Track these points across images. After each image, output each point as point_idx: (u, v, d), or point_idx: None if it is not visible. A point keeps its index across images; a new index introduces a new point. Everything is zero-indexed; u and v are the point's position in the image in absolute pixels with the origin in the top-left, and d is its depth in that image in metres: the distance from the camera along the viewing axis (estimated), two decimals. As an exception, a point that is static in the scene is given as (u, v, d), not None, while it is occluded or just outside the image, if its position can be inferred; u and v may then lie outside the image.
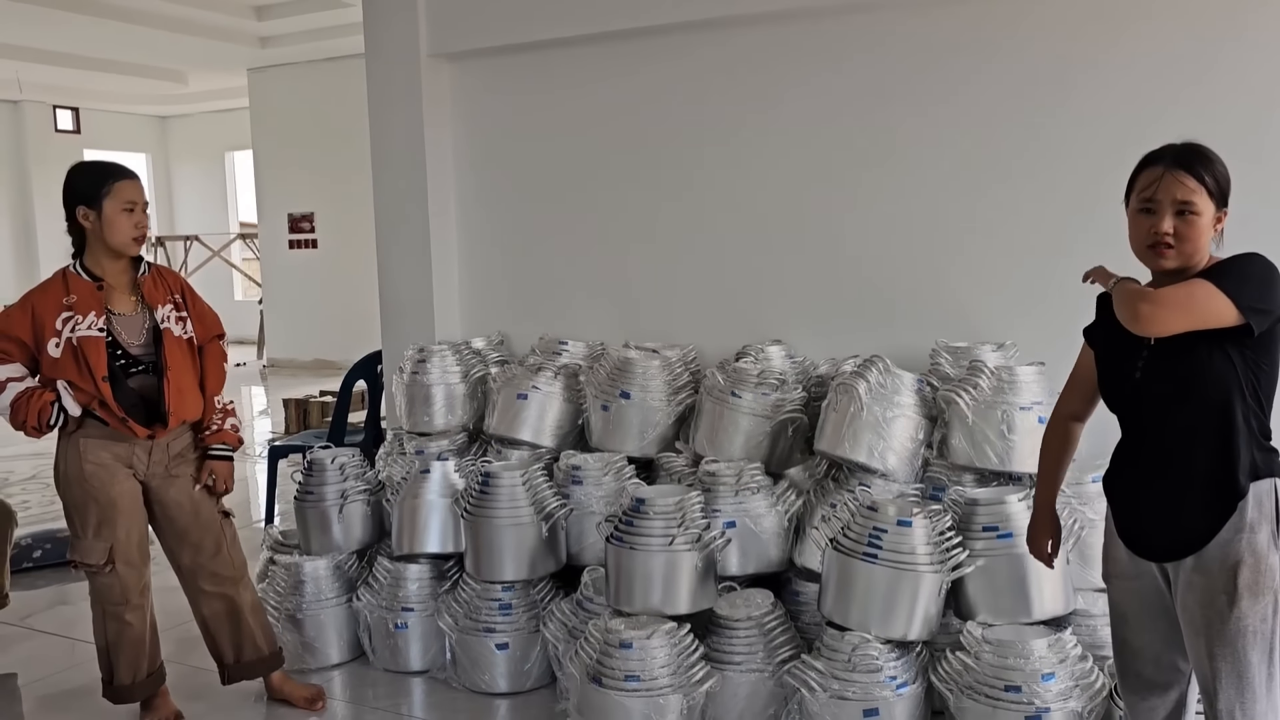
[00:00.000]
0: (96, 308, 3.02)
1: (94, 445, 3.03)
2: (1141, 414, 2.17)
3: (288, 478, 5.10)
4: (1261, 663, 2.04)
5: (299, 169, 11.55)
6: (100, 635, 3.16)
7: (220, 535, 3.24)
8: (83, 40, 10.05)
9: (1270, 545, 2.03)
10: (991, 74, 3.54)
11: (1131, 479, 2.20)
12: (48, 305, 3.01)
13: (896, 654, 2.83)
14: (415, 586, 3.59)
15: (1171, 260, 2.08)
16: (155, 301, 3.13)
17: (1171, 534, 2.12)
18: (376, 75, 4.50)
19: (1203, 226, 2.06)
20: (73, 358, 2.98)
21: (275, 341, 12.17)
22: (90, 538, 3.05)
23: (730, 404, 3.42)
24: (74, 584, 4.69)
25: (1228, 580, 2.03)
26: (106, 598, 3.11)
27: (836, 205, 3.83)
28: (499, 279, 4.52)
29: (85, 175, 3.10)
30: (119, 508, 3.06)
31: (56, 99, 13.41)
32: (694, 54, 4.00)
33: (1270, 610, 2.03)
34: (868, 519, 2.89)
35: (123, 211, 3.03)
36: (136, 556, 3.12)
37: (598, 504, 3.48)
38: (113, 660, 3.16)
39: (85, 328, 2.99)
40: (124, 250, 3.07)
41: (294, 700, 3.38)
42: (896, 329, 3.69)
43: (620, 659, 2.91)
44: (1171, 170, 2.07)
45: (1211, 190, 2.06)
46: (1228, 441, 2.05)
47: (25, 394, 2.98)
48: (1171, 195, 2.06)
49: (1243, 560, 2.02)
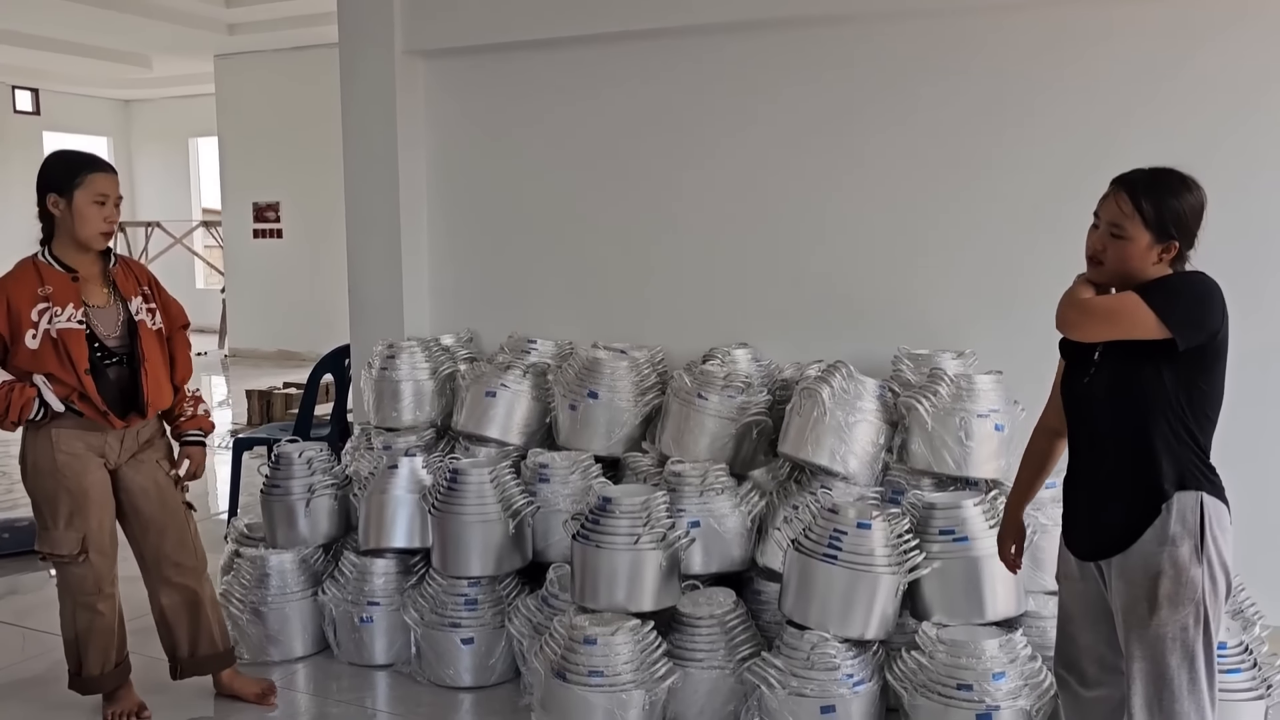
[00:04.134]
0: (74, 299, 2.99)
1: (66, 436, 3.01)
2: (1081, 419, 2.28)
3: (252, 470, 5.09)
4: (1181, 666, 2.13)
5: (265, 158, 11.45)
6: (70, 626, 3.14)
7: (185, 524, 3.25)
8: (43, 21, 9.87)
9: (1193, 559, 2.11)
10: (957, 89, 3.63)
11: (1070, 481, 2.32)
12: (22, 296, 2.95)
13: (854, 653, 2.90)
14: (381, 581, 3.61)
15: (1100, 275, 2.20)
16: (128, 293, 3.12)
17: (1095, 534, 2.24)
18: (350, 70, 4.50)
19: (1130, 251, 2.14)
20: (53, 350, 2.94)
21: (237, 331, 12.06)
22: (62, 528, 3.03)
23: (696, 405, 3.48)
24: (29, 574, 4.65)
25: (1149, 589, 2.13)
26: (79, 588, 3.09)
27: (804, 212, 3.91)
28: (469, 276, 4.54)
29: (60, 163, 3.04)
30: (91, 498, 3.05)
31: (15, 79, 13.17)
32: (667, 61, 4.06)
33: (1191, 620, 2.11)
34: (828, 521, 2.96)
35: (93, 204, 2.98)
36: (108, 545, 3.11)
37: (564, 502, 3.52)
38: (82, 651, 3.14)
39: (64, 320, 2.96)
40: (90, 244, 3.03)
41: (244, 696, 3.36)
42: (860, 335, 3.77)
43: (584, 655, 2.96)
44: (1115, 191, 2.18)
45: (1147, 218, 2.12)
46: (1149, 450, 2.13)
47: (3, 389, 2.94)
48: (1108, 215, 2.17)
49: (1163, 572, 2.11)
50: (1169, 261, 2.15)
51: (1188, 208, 2.13)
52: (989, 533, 2.96)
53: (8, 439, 7.59)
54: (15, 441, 6.63)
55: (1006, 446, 3.25)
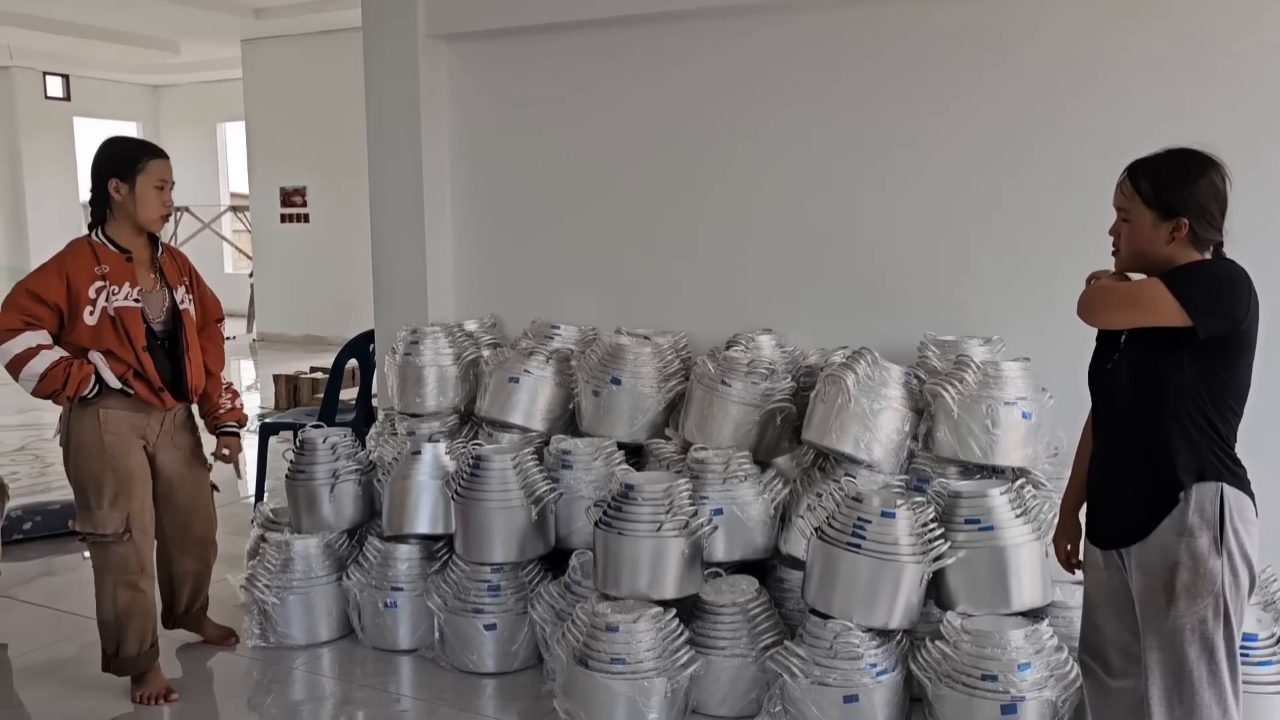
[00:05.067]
0: (130, 279, 3.13)
1: (113, 417, 3.10)
2: (1104, 406, 2.27)
3: (278, 455, 5.13)
4: (1200, 659, 2.10)
5: (292, 142, 11.50)
6: (109, 606, 3.20)
7: (210, 505, 3.49)
8: (74, 6, 9.96)
9: (1212, 550, 2.08)
10: (985, 74, 3.57)
11: (1093, 469, 2.31)
12: (80, 273, 3.06)
13: (877, 642, 2.88)
14: (405, 566, 3.63)
15: (1119, 264, 2.22)
16: (173, 281, 3.26)
17: (1114, 523, 2.22)
18: (374, 55, 4.49)
19: (1136, 233, 2.14)
20: (111, 327, 3.06)
21: (265, 315, 12.16)
22: (106, 508, 3.12)
23: (720, 392, 3.46)
24: (62, 557, 4.72)
25: (1167, 580, 2.11)
26: (122, 567, 3.17)
27: (829, 197, 3.86)
28: (493, 262, 4.53)
29: (121, 149, 3.17)
30: (135, 478, 3.16)
31: (46, 65, 13.30)
32: (691, 44, 4.02)
33: (1210, 612, 2.09)
34: (852, 509, 2.94)
35: (154, 188, 3.13)
36: (149, 525, 3.23)
37: (587, 489, 3.51)
38: (121, 630, 3.21)
39: (122, 299, 3.09)
40: (150, 226, 3.18)
41: (210, 638, 3.64)
42: (886, 321, 3.73)
43: (606, 642, 2.96)
44: (1121, 177, 2.18)
45: (1146, 197, 2.11)
46: (1167, 439, 2.11)
47: (62, 363, 3.02)
48: (1116, 201, 2.19)
49: (1181, 563, 2.09)
50: (1185, 241, 2.11)
51: (1195, 185, 2.09)
52: (1015, 522, 2.93)
53: (40, 424, 7.69)
54: (46, 426, 6.72)
55: (1034, 435, 3.20)
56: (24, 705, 3.34)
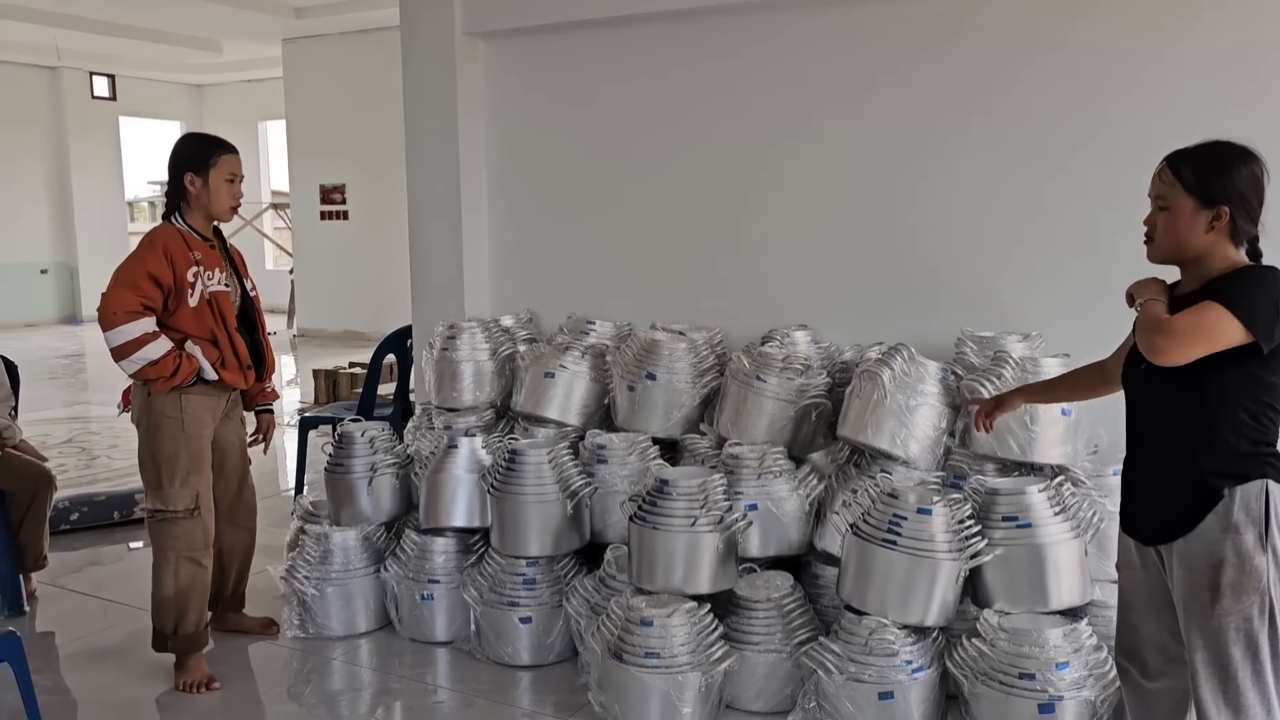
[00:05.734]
0: (218, 265, 3.31)
1: (193, 401, 3.25)
2: (1141, 403, 2.24)
3: (318, 448, 5.20)
4: (1245, 658, 2.07)
5: (331, 140, 11.63)
6: (170, 584, 3.29)
7: (249, 476, 3.65)
8: (119, 8, 10.14)
9: (1257, 547, 2.05)
10: (1027, 70, 3.53)
11: (1129, 463, 2.28)
12: (180, 257, 3.21)
13: (913, 639, 2.87)
14: (442, 559, 3.66)
15: (1151, 253, 2.18)
16: (242, 272, 3.46)
17: (1156, 519, 2.19)
18: (411, 53, 4.53)
19: (1174, 221, 2.10)
20: (209, 310, 3.25)
21: (305, 311, 12.30)
22: (178, 486, 3.24)
23: (755, 388, 3.46)
24: (108, 547, 4.81)
25: (1211, 577, 2.07)
26: (187, 544, 3.28)
27: (866, 192, 3.84)
28: (529, 258, 4.56)
29: (195, 144, 3.34)
30: (205, 458, 3.32)
31: (93, 66, 13.56)
32: (727, 40, 4.01)
33: (1255, 610, 2.05)
34: (888, 505, 2.92)
35: (225, 181, 3.29)
36: (212, 504, 3.36)
37: (622, 483, 3.53)
38: (183, 608, 3.31)
39: (215, 284, 3.27)
40: (222, 217, 3.35)
41: (250, 629, 3.72)
42: (922, 317, 3.71)
43: (641, 636, 2.97)
44: (1160, 167, 2.15)
45: (1188, 184, 2.08)
46: (1211, 438, 2.08)
47: (173, 353, 3.17)
48: (1154, 190, 2.15)
49: (1226, 560, 2.06)
50: (1224, 231, 2.08)
51: (1236, 174, 2.07)
52: (1054, 520, 2.90)
53: (85, 416, 7.84)
54: (93, 419, 6.84)
55: (1073, 432, 3.17)
56: (70, 691, 3.41)
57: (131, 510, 5.09)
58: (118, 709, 3.26)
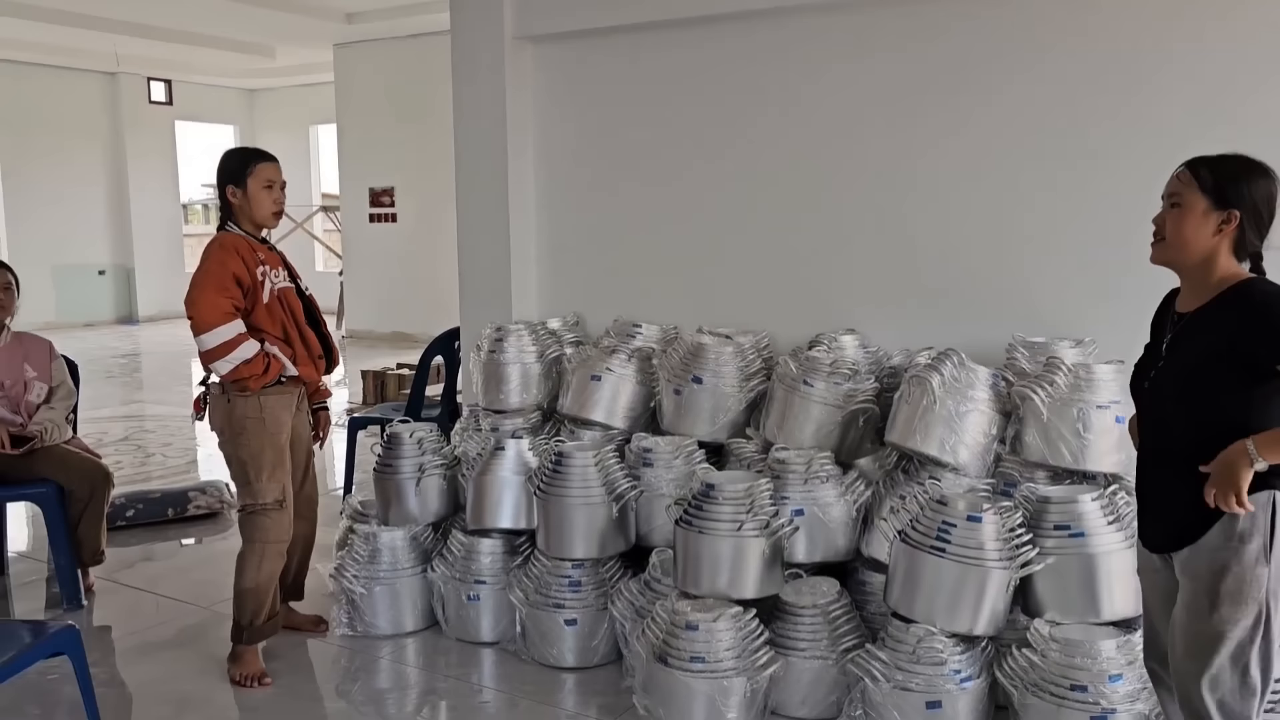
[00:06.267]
0: (280, 264, 3.47)
1: (272, 400, 3.37)
2: (1148, 411, 2.27)
3: (366, 448, 5.26)
4: (1235, 669, 2.08)
5: (381, 144, 11.77)
6: (253, 575, 3.40)
7: (312, 470, 3.75)
8: (177, 14, 10.35)
9: (1260, 558, 2.05)
10: (1084, 71, 3.48)
11: (1140, 472, 2.30)
12: (249, 258, 3.35)
13: (962, 648, 2.83)
14: (488, 560, 3.68)
15: (1155, 254, 2.19)
16: (295, 275, 3.58)
17: (1164, 526, 2.20)
18: (461, 56, 4.57)
19: (1186, 220, 2.11)
20: (279, 307, 3.38)
21: (354, 313, 12.45)
22: (265, 480, 3.38)
23: (802, 392, 3.44)
24: (161, 544, 4.91)
25: (1211, 584, 2.09)
26: (272, 535, 3.41)
27: (914, 195, 3.81)
28: (576, 261, 4.58)
29: (233, 158, 3.46)
30: (286, 453, 3.44)
31: (151, 71, 13.85)
32: (773, 42, 4.00)
33: (1252, 620, 2.06)
34: (937, 512, 2.89)
35: (263, 189, 3.39)
36: (292, 499, 3.49)
37: (668, 487, 3.53)
38: (263, 597, 3.43)
39: (281, 280, 3.42)
40: (264, 223, 3.45)
41: (301, 626, 3.78)
42: (972, 322, 3.66)
43: (686, 640, 2.96)
44: (1179, 169, 2.16)
45: (1204, 184, 2.10)
46: (1215, 451, 2.07)
47: (262, 353, 3.31)
48: (1169, 189, 2.16)
49: (1229, 568, 2.07)
50: (1231, 237, 2.09)
51: (1253, 183, 2.10)
52: (1107, 529, 2.85)
53: (141, 415, 8.00)
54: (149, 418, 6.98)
55: (1127, 439, 3.10)
56: (126, 685, 3.48)
57: (186, 507, 5.19)
58: (172, 701, 3.32)
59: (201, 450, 6.84)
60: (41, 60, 12.69)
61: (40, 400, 4.15)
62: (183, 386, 9.22)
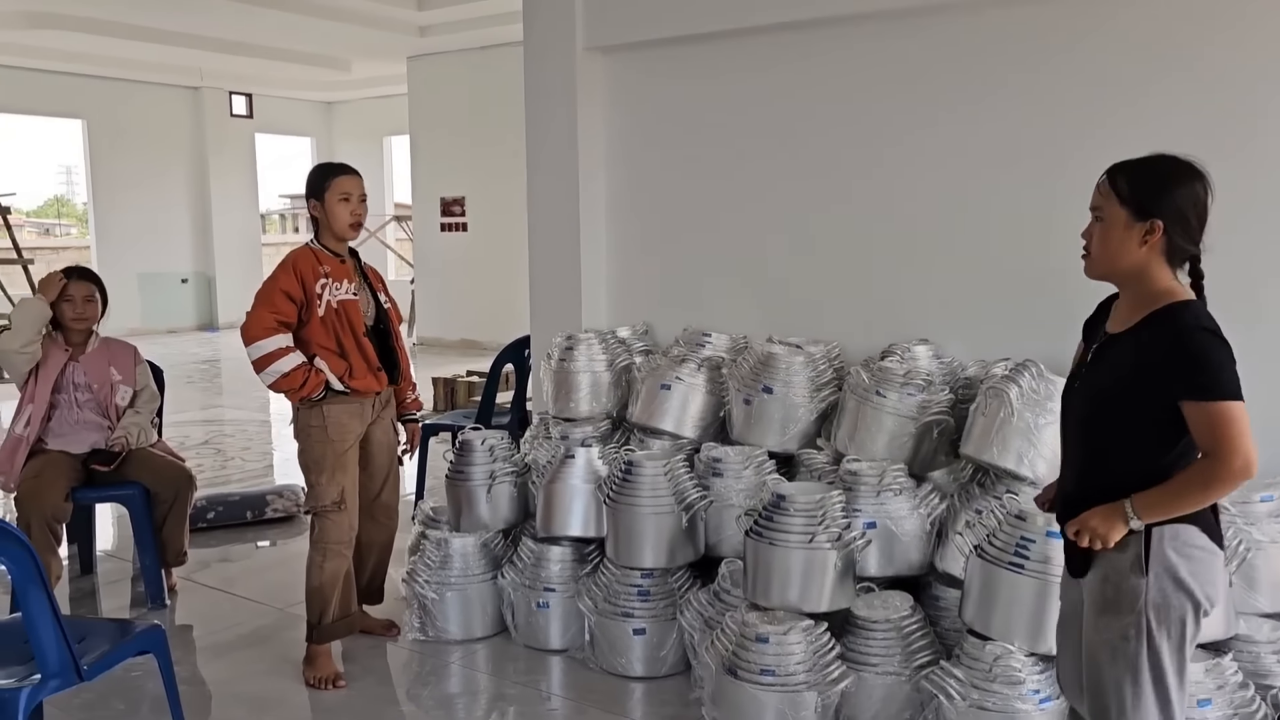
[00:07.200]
0: (348, 276, 3.53)
1: (334, 411, 3.48)
2: (1063, 424, 2.24)
3: (438, 455, 5.32)
4: (1125, 680, 2.01)
5: (452, 154, 11.94)
6: (317, 575, 3.50)
7: (394, 477, 3.83)
8: (257, 30, 10.65)
9: (1136, 567, 1.99)
10: (1164, 76, 3.38)
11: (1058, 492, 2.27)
12: (308, 271, 3.45)
13: (1040, 667, 2.76)
14: (557, 568, 3.70)
15: (1087, 268, 2.14)
16: (376, 287, 3.67)
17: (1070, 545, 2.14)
18: (533, 67, 4.62)
19: (1110, 232, 2.05)
20: (335, 318, 3.46)
21: (425, 320, 12.64)
22: (324, 482, 3.48)
23: (874, 403, 3.39)
24: (238, 545, 5.02)
25: (1092, 591, 2.07)
26: (333, 536, 3.50)
27: (992, 203, 3.73)
28: (645, 270, 4.58)
29: (314, 173, 3.59)
30: (349, 459, 3.54)
31: (232, 85, 14.26)
32: (844, 50, 3.96)
33: (1134, 630, 1.99)
34: (1015, 528, 2.83)
35: (340, 201, 3.49)
36: (356, 503, 3.56)
37: (737, 497, 3.50)
38: (327, 597, 3.51)
39: (343, 292, 3.49)
40: (343, 234, 3.53)
41: (374, 630, 3.85)
42: (1050, 332, 3.55)
43: (756, 652, 2.94)
44: (1101, 178, 2.10)
45: (1122, 195, 2.02)
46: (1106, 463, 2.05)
47: (302, 368, 3.40)
48: (1092, 201, 2.11)
49: (1106, 577, 2.03)
50: (1158, 248, 2.01)
51: (1174, 189, 1.99)
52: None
53: (220, 419, 8.20)
54: (228, 422, 7.21)
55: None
56: (205, 683, 3.56)
57: (263, 510, 5.30)
58: (249, 700, 3.40)
59: (278, 454, 7.00)
60: (131, 76, 13.15)
61: (125, 403, 4.28)
62: (259, 392, 9.41)
